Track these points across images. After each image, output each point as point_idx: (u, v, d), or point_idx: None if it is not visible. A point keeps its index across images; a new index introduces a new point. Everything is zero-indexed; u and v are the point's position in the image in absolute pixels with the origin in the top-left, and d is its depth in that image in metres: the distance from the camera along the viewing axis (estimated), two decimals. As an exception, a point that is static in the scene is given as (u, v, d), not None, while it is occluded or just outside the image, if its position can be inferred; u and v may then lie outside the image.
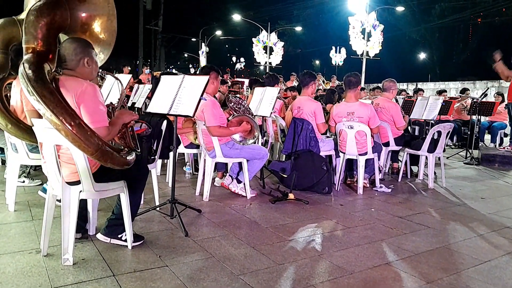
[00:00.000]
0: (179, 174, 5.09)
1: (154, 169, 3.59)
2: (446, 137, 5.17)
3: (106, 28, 2.72)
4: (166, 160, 4.48)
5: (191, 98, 3.10)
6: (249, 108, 4.29)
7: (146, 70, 11.55)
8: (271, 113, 4.62)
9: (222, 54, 50.86)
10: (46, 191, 3.03)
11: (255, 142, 4.07)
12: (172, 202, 3.28)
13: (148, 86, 5.62)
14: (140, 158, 2.71)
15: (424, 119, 6.19)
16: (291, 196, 4.06)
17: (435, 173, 5.45)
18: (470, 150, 7.36)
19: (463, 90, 10.14)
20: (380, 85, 16.65)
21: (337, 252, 2.83)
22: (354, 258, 2.73)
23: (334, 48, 37.53)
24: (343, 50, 34.00)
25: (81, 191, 2.44)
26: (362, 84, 17.74)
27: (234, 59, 53.96)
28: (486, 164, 6.86)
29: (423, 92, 10.12)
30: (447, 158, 7.40)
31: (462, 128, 9.63)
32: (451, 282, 2.44)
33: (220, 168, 4.68)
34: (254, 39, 22.23)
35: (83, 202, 2.77)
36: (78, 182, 2.43)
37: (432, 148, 5.07)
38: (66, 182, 2.43)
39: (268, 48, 22.13)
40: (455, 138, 9.72)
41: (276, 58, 22.72)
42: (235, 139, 3.99)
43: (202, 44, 29.31)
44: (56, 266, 2.43)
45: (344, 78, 4.68)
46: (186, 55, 52.98)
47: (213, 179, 4.39)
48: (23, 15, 3.57)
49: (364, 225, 3.46)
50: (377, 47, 17.13)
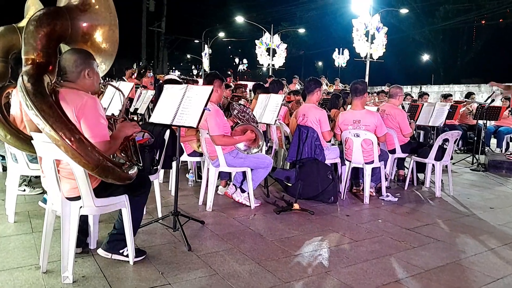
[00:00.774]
0: (182, 182, 5.01)
1: (157, 179, 3.50)
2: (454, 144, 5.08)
3: (108, 38, 2.64)
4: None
5: (195, 109, 3.03)
6: (253, 116, 4.21)
7: (149, 73, 11.47)
8: (276, 120, 4.53)
9: (225, 55, 50.86)
10: (46, 202, 2.97)
11: (260, 151, 3.99)
12: (174, 215, 3.20)
13: (151, 92, 5.55)
14: (142, 172, 2.63)
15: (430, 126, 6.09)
16: (296, 206, 3.97)
17: (442, 180, 5.35)
18: (477, 156, 7.25)
19: (468, 94, 10.04)
20: (384, 87, 16.55)
21: (344, 268, 2.75)
22: (362, 275, 2.65)
23: (337, 49, 37.54)
24: (346, 52, 33.98)
25: (81, 207, 2.37)
26: (366, 86, 17.67)
27: (236, 61, 53.98)
28: (493, 170, 6.75)
29: (428, 96, 10.01)
30: (453, 164, 7.29)
31: (468, 132, 9.53)
32: (464, 303, 2.36)
33: (223, 176, 4.60)
34: (257, 41, 22.16)
35: (84, 215, 2.70)
36: (78, 198, 2.35)
37: (439, 156, 4.98)
38: (66, 198, 2.35)
39: (271, 50, 22.05)
40: (461, 143, 9.61)
41: (279, 60, 22.66)
42: (239, 148, 3.91)
43: (205, 46, 29.26)
44: (55, 284, 2.35)
45: (350, 85, 4.59)
46: (189, 56, 53.02)
47: (216, 187, 4.31)
48: (24, 23, 3.52)
49: (371, 238, 3.38)
50: (380, 50, 17.03)
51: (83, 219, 2.72)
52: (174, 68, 61.93)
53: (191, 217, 3.42)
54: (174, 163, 3.39)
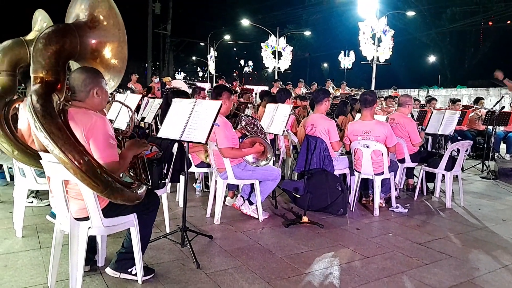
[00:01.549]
0: (189, 192, 4.96)
1: (165, 193, 3.47)
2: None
3: (116, 54, 2.62)
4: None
5: (204, 124, 2.99)
6: (261, 127, 4.17)
7: (156, 79, 11.47)
8: (284, 131, 4.49)
9: (231, 57, 50.88)
10: (54, 216, 2.95)
11: (268, 164, 3.94)
12: (183, 230, 3.17)
13: (158, 101, 5.52)
14: (150, 189, 2.60)
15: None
16: (305, 219, 3.92)
17: (452, 190, 5.27)
18: (487, 163, 7.16)
19: (477, 99, 9.92)
20: (390, 90, 16.39)
21: (356, 288, 2.70)
22: (374, 296, 2.60)
23: (342, 51, 37.41)
24: (352, 54, 33.84)
25: (90, 228, 2.34)
26: (372, 89, 17.55)
27: (242, 63, 54.02)
28: (504, 178, 6.65)
29: (436, 101, 9.92)
30: (463, 171, 7.20)
31: (477, 138, 9.42)
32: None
33: (231, 187, 4.56)
34: (262, 44, 22.12)
35: (92, 233, 2.67)
36: (87, 218, 2.33)
37: (449, 166, 4.91)
38: (75, 218, 2.33)
39: (276, 53, 22.01)
40: (469, 148, 9.50)
41: (284, 63, 22.61)
42: (248, 161, 3.87)
43: (211, 48, 29.26)
44: (63, 305, 2.33)
45: (360, 96, 4.55)
46: (194, 59, 53.10)
47: (224, 198, 4.27)
48: (31, 36, 3.51)
49: (382, 253, 3.32)
50: (387, 53, 16.92)
51: (92, 237, 2.69)
52: (179, 70, 62.08)
53: (199, 232, 3.39)
54: (182, 177, 3.35)
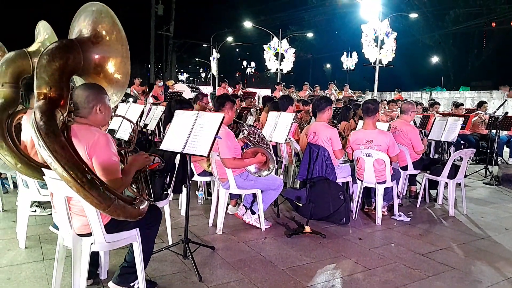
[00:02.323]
0: (191, 200, 4.96)
1: (167, 204, 3.48)
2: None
3: (119, 69, 2.62)
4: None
5: (206, 137, 3.00)
6: (263, 136, 4.17)
7: (159, 82, 11.50)
8: (286, 140, 4.49)
9: (233, 58, 50.89)
10: (57, 227, 2.97)
11: (270, 174, 3.94)
12: (185, 242, 3.17)
13: (161, 108, 5.53)
14: (153, 204, 2.61)
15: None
16: (307, 229, 3.92)
17: (455, 196, 5.26)
18: (490, 168, 7.13)
19: (480, 103, 9.89)
20: (394, 93, 16.32)
21: (358, 302, 2.70)
22: (377, 311, 2.59)
23: (345, 52, 37.37)
24: (355, 55, 33.80)
25: (92, 243, 2.34)
26: (375, 93, 17.52)
27: (244, 64, 54.05)
28: (507, 184, 6.64)
29: (439, 105, 9.88)
30: (466, 176, 7.17)
31: (480, 142, 9.40)
32: None
33: (233, 196, 4.57)
34: (265, 46, 22.10)
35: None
36: (89, 234, 2.33)
37: (452, 174, 4.90)
38: (77, 234, 2.34)
39: (279, 55, 22.00)
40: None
41: (287, 65, 22.59)
42: (250, 171, 3.87)
43: (213, 50, 29.28)
44: (66, 321, 2.34)
45: (362, 105, 4.55)
46: (197, 60, 53.18)
47: (226, 206, 4.27)
48: (34, 47, 3.53)
49: (384, 265, 3.32)
50: (390, 55, 16.89)
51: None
52: (182, 70, 62.12)
53: (202, 243, 3.39)
54: (185, 188, 3.36)
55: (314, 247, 3.64)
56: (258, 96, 13.70)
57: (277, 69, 22.22)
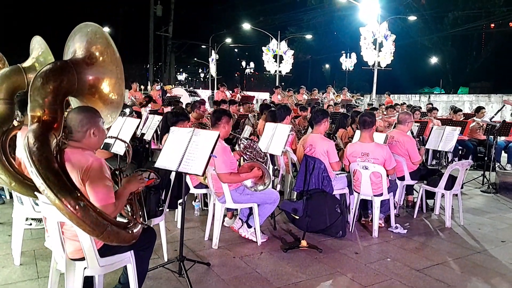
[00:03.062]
0: (188, 210, 4.95)
1: (163, 221, 3.47)
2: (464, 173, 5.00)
3: (114, 90, 2.61)
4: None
5: (201, 155, 2.99)
6: (260, 150, 4.17)
7: (157, 86, 11.48)
8: (283, 152, 4.48)
9: (232, 59, 50.87)
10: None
11: (266, 189, 3.93)
12: (180, 260, 3.16)
13: (157, 118, 5.52)
14: (147, 226, 2.60)
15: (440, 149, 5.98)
16: (304, 243, 3.92)
17: (452, 206, 5.24)
18: (487, 176, 7.13)
19: (478, 109, 9.88)
20: (384, 96, 16.26)
21: (353, 323, 2.69)
22: (371, 333, 2.59)
23: (344, 53, 37.40)
24: (354, 56, 33.84)
25: (85, 268, 2.33)
26: (374, 95, 17.52)
27: (243, 64, 54.02)
28: (504, 192, 6.64)
29: (437, 111, 9.89)
30: (463, 184, 7.17)
31: (478, 147, 9.41)
32: None
33: (230, 208, 4.55)
34: (264, 48, 22.10)
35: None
36: (83, 259, 2.32)
37: (449, 185, 4.90)
38: (70, 259, 2.33)
39: (278, 57, 22.00)
40: (470, 157, 9.49)
41: (286, 67, 22.59)
42: (246, 185, 3.86)
43: (212, 51, 29.26)
44: None
45: (358, 118, 4.54)
46: (196, 59, 53.16)
47: (223, 217, 4.25)
48: (28, 62, 3.51)
49: (380, 282, 3.31)
50: (388, 58, 16.89)
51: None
52: (181, 70, 62.10)
53: (197, 260, 3.38)
54: (180, 208, 3.35)
55: (310, 263, 3.63)
56: (257, 99, 13.74)
57: (276, 71, 22.21)
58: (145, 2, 34.47)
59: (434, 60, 33.59)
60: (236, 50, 53.92)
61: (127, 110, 6.25)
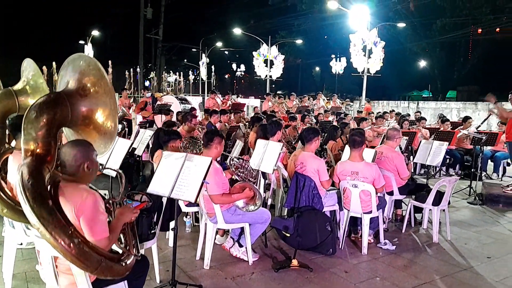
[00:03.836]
0: (179, 227, 4.96)
1: (155, 244, 3.50)
2: (452, 189, 5.10)
3: (108, 120, 2.62)
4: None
5: (193, 181, 3.02)
6: (251, 169, 4.21)
7: (147, 93, 11.47)
8: (274, 170, 4.53)
9: (223, 61, 50.81)
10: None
11: (258, 209, 3.98)
12: (172, 285, 3.19)
13: (149, 132, 5.53)
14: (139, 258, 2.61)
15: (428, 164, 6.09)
16: (295, 262, 3.97)
17: (440, 219, 5.34)
18: (474, 186, 7.26)
19: (465, 119, 10.07)
20: (363, 103, 16.38)
21: None
22: None
23: (334, 56, 37.64)
24: (344, 59, 34.09)
25: (79, 300, 2.35)
26: (363, 101, 17.69)
27: (234, 66, 54.00)
28: (490, 204, 6.77)
29: (425, 121, 10.04)
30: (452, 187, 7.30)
31: (465, 156, 9.59)
32: None
33: (221, 226, 4.59)
34: (254, 53, 22.16)
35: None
36: (76, 291, 2.34)
37: (437, 200, 5.00)
38: (64, 292, 2.34)
39: (268, 61, 22.08)
40: (458, 166, 9.67)
41: (276, 71, 22.66)
42: (238, 205, 3.91)
43: (203, 55, 29.24)
44: None
45: (348, 137, 4.61)
46: (185, 61, 53.02)
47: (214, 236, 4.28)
48: (19, 86, 3.51)
49: (369, 303, 3.38)
50: (378, 64, 17.08)
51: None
52: (170, 71, 61.84)
53: (189, 283, 3.41)
54: (172, 234, 3.37)
55: (301, 283, 3.68)
56: (247, 106, 13.80)
57: (266, 75, 22.29)
58: (135, 4, 34.37)
59: (423, 63, 34.07)
60: (226, 53, 53.94)
61: (119, 126, 6.24)
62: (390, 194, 5.33)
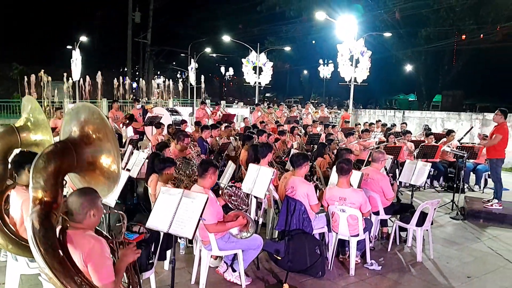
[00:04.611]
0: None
1: (153, 274, 3.65)
2: (434, 210, 5.35)
3: (112, 165, 2.77)
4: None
5: (190, 218, 3.19)
6: (244, 196, 4.39)
7: (138, 105, 11.55)
8: (265, 195, 4.72)
9: (211, 64, 50.84)
10: None
11: (251, 236, 4.16)
12: (170, 315, 3.35)
13: (143, 155, 5.67)
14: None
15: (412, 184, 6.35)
16: (286, 287, 4.16)
17: (423, 236, 5.59)
18: (456, 201, 7.55)
19: (449, 132, 10.40)
20: (367, 110, 16.71)
21: None
22: None
23: (321, 61, 38.05)
24: (331, 65, 34.51)
25: None
26: (350, 110, 18.02)
27: (223, 70, 54.12)
28: (471, 219, 7.07)
29: (411, 134, 10.34)
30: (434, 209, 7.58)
31: (448, 169, 9.92)
32: None
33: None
34: (243, 60, 22.31)
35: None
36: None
37: (420, 221, 5.25)
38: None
39: (257, 68, 22.26)
40: (442, 179, 9.99)
41: (265, 78, 22.85)
42: (231, 233, 4.08)
43: (192, 60, 29.28)
44: None
45: (336, 164, 4.82)
46: (174, 63, 52.94)
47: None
48: (21, 122, 3.64)
49: (356, 328, 3.58)
50: (365, 73, 17.39)
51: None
52: (159, 72, 61.62)
53: (186, 311, 3.58)
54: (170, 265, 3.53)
55: (291, 308, 3.87)
56: (237, 115, 13.98)
57: (255, 82, 22.46)
58: (123, 7, 34.25)
59: (409, 67, 34.74)
60: (214, 55, 54.04)
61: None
62: (376, 214, 5.56)
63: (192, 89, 29.14)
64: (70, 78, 21.74)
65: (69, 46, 24.83)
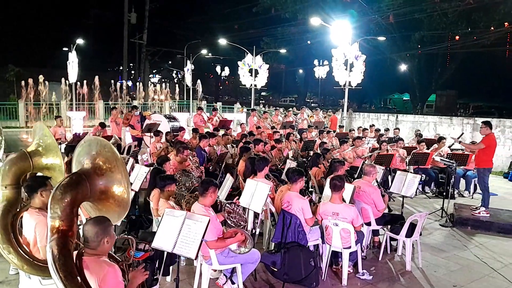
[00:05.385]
0: (175, 259, 5.39)
1: (158, 289, 3.89)
2: (423, 222, 5.63)
3: (122, 194, 3.01)
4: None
5: (193, 239, 3.43)
6: (242, 213, 4.64)
7: (136, 112, 11.76)
8: (263, 210, 4.98)
9: (207, 63, 50.99)
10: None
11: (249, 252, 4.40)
12: (175, 328, 3.59)
13: (144, 169, 5.89)
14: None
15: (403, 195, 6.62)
16: (282, 298, 4.42)
17: (413, 245, 5.86)
18: (446, 207, 7.85)
19: (440, 139, 10.71)
20: (361, 113, 16.98)
21: None
22: None
23: (317, 61, 38.34)
24: (327, 66, 34.82)
25: None
26: (345, 113, 18.29)
27: (218, 69, 54.28)
28: (460, 227, 7.36)
29: (403, 142, 10.62)
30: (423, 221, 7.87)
31: (439, 175, 10.23)
32: None
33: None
34: (239, 63, 22.52)
35: None
36: None
37: (409, 233, 5.52)
38: None
39: (253, 71, 22.48)
40: (433, 184, 10.29)
41: (261, 80, 23.08)
42: (230, 248, 4.33)
43: (188, 61, 29.46)
44: None
45: (329, 181, 5.08)
46: (170, 62, 53.09)
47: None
48: (33, 147, 3.86)
49: (348, 338, 3.85)
50: (359, 77, 17.65)
51: None
52: (154, 72, 61.74)
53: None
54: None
55: (287, 319, 4.13)
56: (233, 121, 14.21)
57: (251, 84, 22.69)
58: (119, 8, 34.30)
59: (403, 67, 35.14)
60: (210, 54, 54.17)
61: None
62: (368, 224, 5.84)
63: (188, 90, 29.31)
64: (66, 80, 21.85)
65: (65, 48, 24.95)
